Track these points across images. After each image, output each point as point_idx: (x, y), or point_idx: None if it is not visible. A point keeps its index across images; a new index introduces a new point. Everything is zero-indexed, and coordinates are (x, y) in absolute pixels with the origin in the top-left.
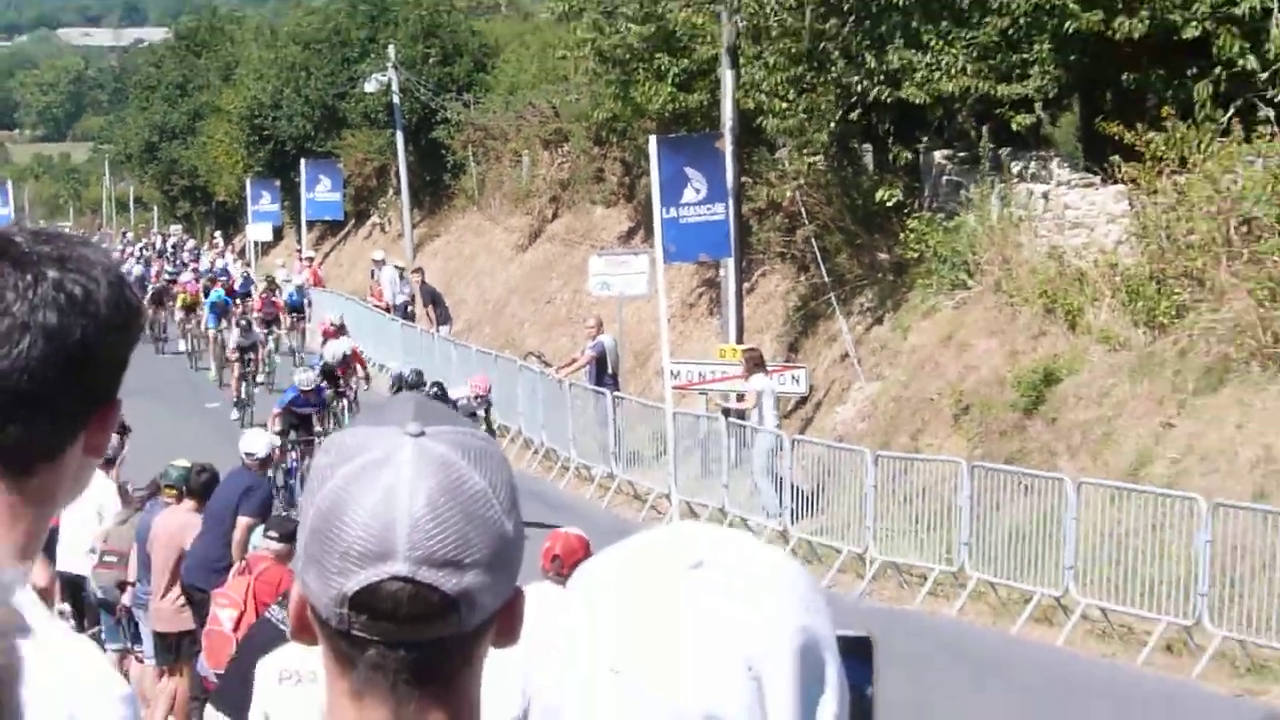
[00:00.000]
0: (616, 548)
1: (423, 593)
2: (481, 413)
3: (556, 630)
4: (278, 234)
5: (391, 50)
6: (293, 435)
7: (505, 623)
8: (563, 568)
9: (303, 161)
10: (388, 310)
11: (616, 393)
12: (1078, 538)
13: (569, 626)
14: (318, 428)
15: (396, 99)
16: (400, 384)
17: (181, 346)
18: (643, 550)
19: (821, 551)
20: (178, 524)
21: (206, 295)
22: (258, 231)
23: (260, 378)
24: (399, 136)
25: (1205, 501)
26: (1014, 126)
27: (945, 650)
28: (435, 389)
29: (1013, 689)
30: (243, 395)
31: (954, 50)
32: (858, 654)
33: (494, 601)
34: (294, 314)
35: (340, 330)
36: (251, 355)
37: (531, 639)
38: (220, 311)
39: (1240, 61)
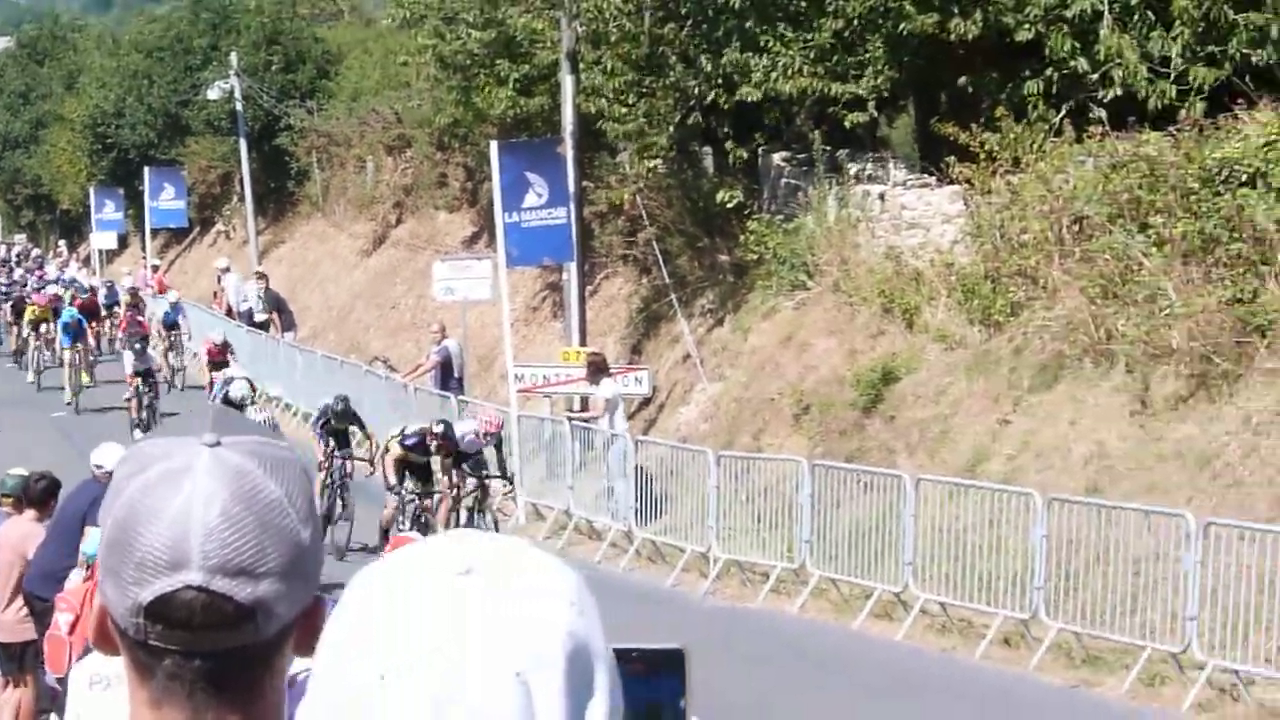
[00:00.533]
0: (390, 555)
1: (217, 602)
2: (491, 451)
3: (324, 638)
4: (122, 242)
5: (234, 57)
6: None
7: (305, 632)
8: None
9: (146, 169)
10: (231, 316)
11: (461, 396)
12: (916, 534)
13: (338, 634)
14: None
15: (239, 106)
16: (327, 416)
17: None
18: (413, 558)
19: (666, 551)
20: (19, 534)
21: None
22: (102, 240)
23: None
24: (242, 144)
25: (1040, 496)
26: (848, 124)
27: (787, 647)
28: (442, 426)
29: (854, 684)
30: (142, 418)
31: (790, 52)
32: (670, 667)
33: (290, 610)
34: (170, 331)
35: (225, 349)
36: (151, 380)
37: None
38: (75, 332)
39: (1072, 63)
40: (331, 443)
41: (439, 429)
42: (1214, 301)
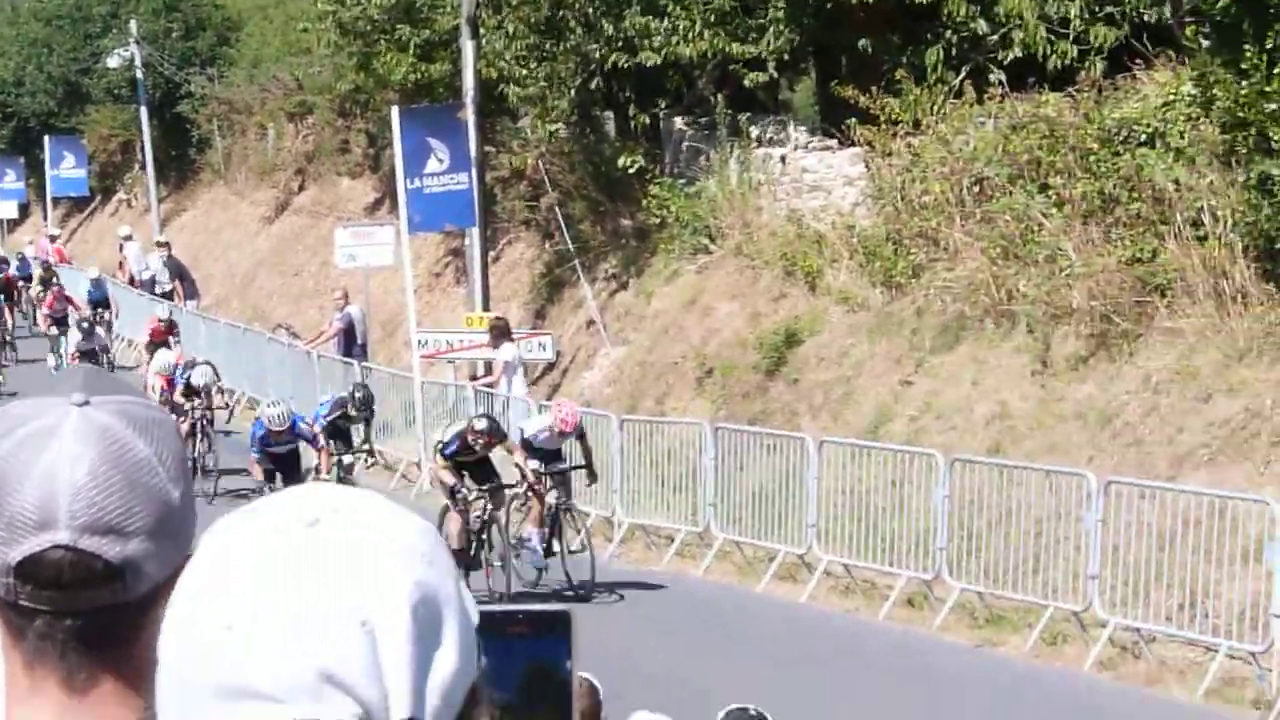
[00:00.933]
0: (243, 508)
1: (85, 560)
2: (567, 449)
3: (178, 588)
4: (23, 211)
5: (134, 25)
6: (279, 481)
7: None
8: None
9: (47, 138)
10: (133, 285)
11: (365, 363)
12: (820, 496)
13: (190, 584)
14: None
15: (140, 74)
16: (344, 406)
17: None
18: (263, 509)
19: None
20: None
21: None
22: (2, 209)
23: None
24: (143, 112)
25: (943, 457)
26: (748, 83)
27: (693, 610)
28: (484, 421)
29: (759, 646)
30: None
31: (690, 14)
32: (556, 630)
33: (161, 570)
34: (97, 309)
35: (171, 329)
36: (98, 362)
37: None
38: None
39: (971, 25)
40: (333, 444)
41: (480, 425)
42: (1113, 261)
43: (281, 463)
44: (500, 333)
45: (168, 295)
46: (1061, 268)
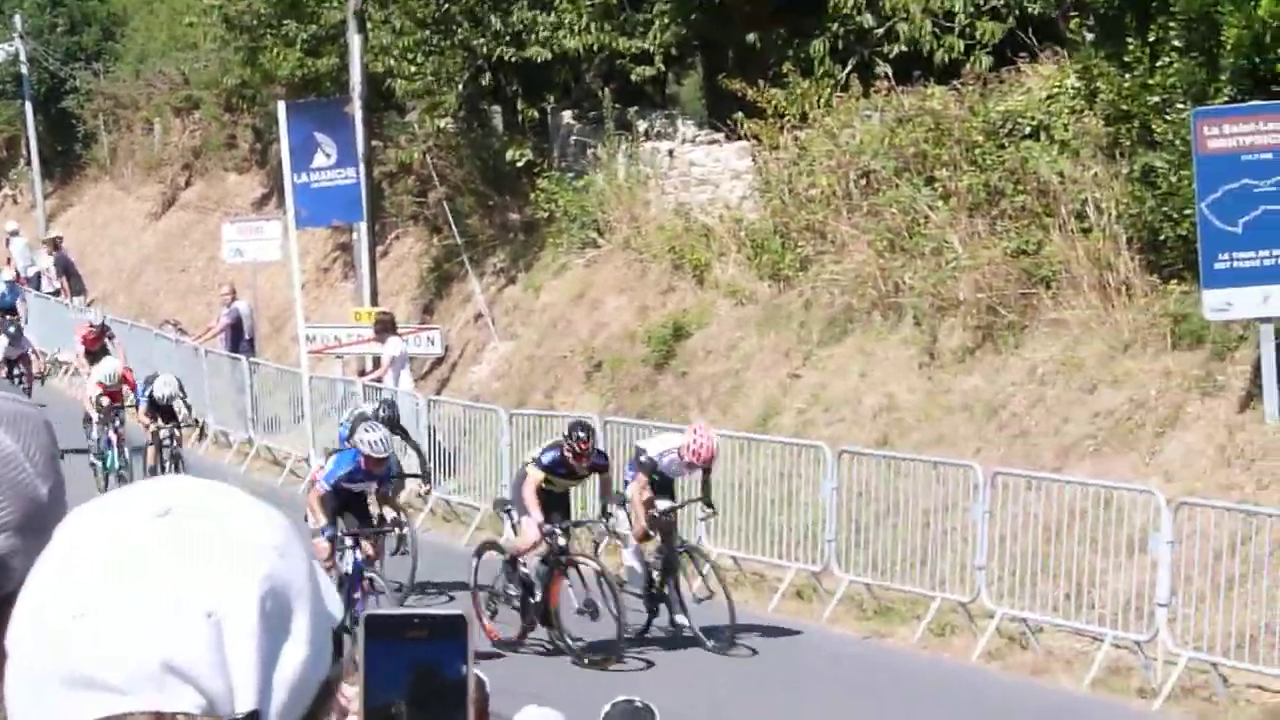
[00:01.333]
0: (95, 499)
1: None
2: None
3: (30, 576)
4: None
5: (18, 20)
6: (342, 525)
7: None
8: None
9: None
10: (19, 282)
11: (253, 358)
12: (709, 489)
13: (42, 573)
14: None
15: (24, 69)
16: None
17: None
18: (116, 499)
19: (460, 510)
20: None
21: None
22: None
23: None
24: (28, 107)
25: (831, 449)
26: (635, 78)
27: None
28: (585, 432)
29: (645, 641)
30: None
31: (577, 8)
32: (450, 634)
33: (28, 565)
34: (7, 315)
35: (103, 333)
36: (23, 368)
37: None
38: None
39: (857, 19)
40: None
41: (582, 434)
42: (999, 254)
43: (355, 503)
44: (385, 327)
45: (55, 293)
46: (947, 260)
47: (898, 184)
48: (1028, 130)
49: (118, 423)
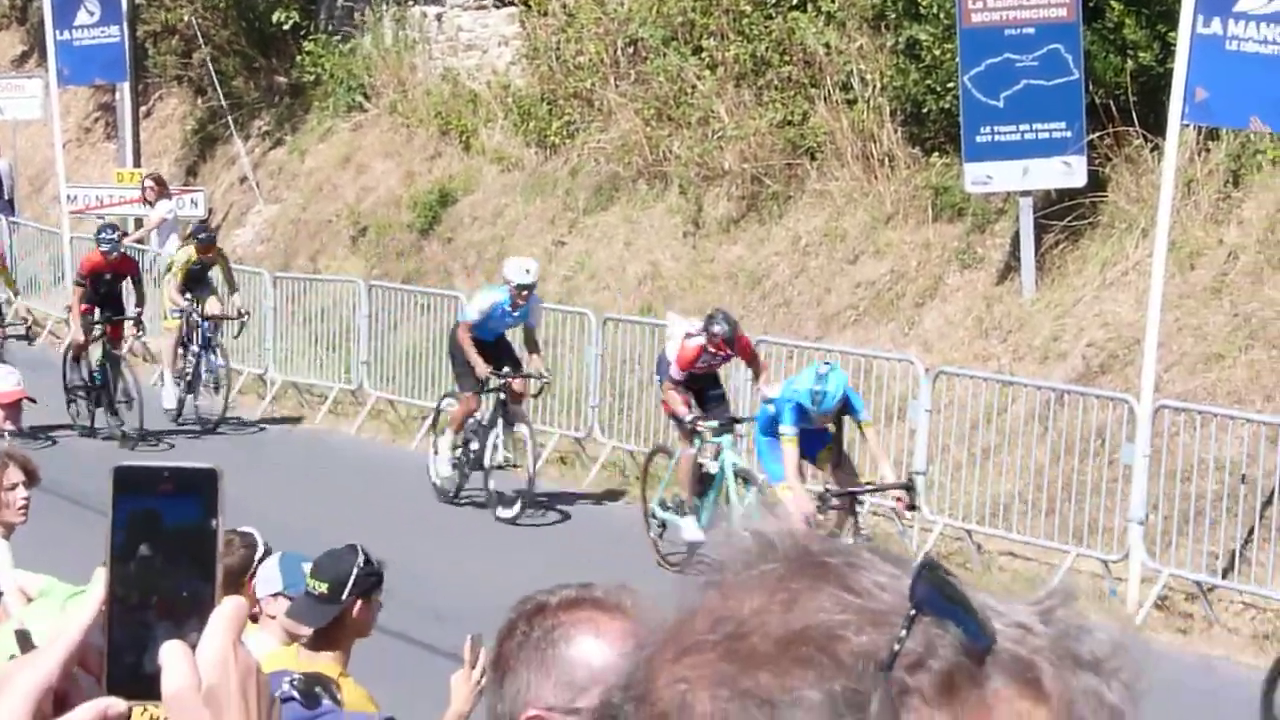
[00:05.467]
0: None
1: None
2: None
3: None
4: None
5: None
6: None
7: None
8: None
9: None
10: None
11: (12, 218)
12: None
13: None
14: None
15: None
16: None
17: None
18: None
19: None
20: None
21: None
22: None
23: None
24: None
25: (595, 316)
26: None
27: (345, 467)
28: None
29: (415, 502)
30: None
31: None
32: (201, 486)
33: None
34: None
35: None
36: None
37: None
38: None
39: None
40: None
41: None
42: (765, 124)
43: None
44: (157, 189)
45: None
46: (714, 130)
47: (665, 53)
48: (795, 1)
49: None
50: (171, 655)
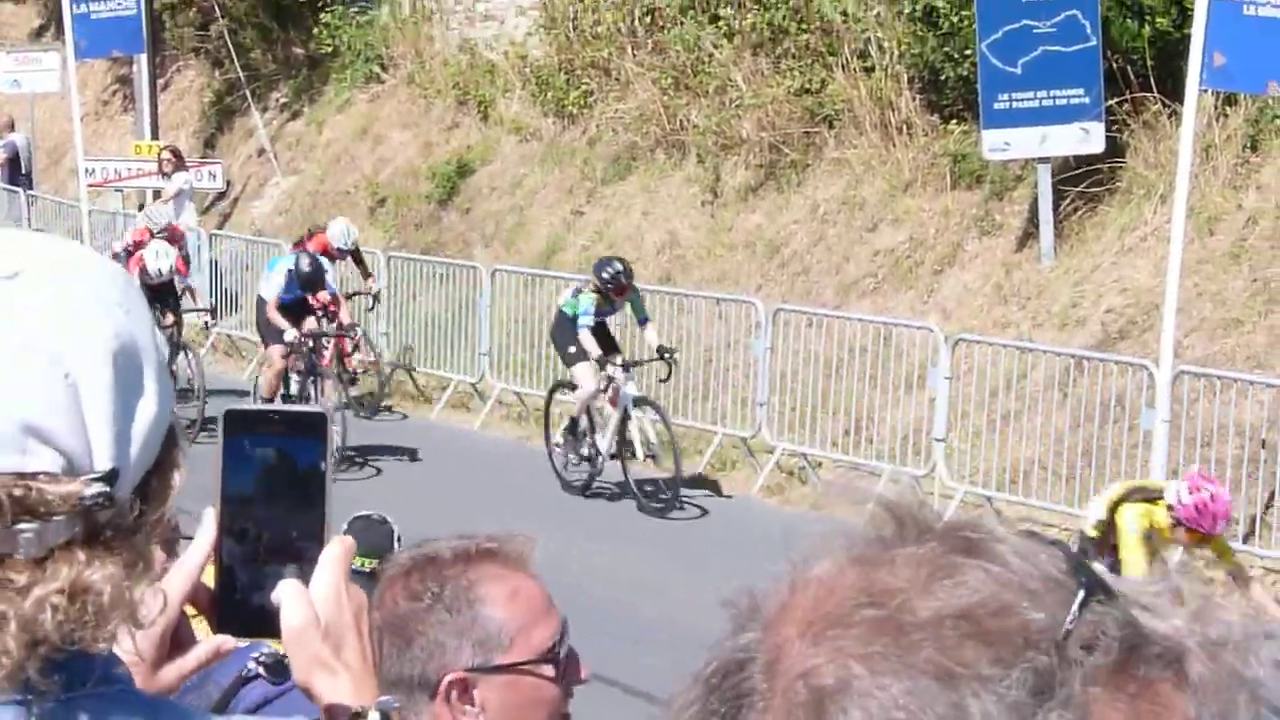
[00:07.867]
0: None
1: None
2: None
3: None
4: None
5: None
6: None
7: None
8: None
9: None
10: None
11: (30, 191)
12: (492, 325)
13: None
14: None
15: None
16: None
17: None
18: None
19: (242, 346)
20: None
21: None
22: None
23: None
24: None
25: None
26: None
27: (364, 435)
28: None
29: (434, 469)
30: None
31: None
32: (311, 430)
33: None
34: None
35: None
36: None
37: None
38: None
39: None
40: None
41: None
42: (782, 92)
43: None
44: (176, 161)
45: None
46: (731, 99)
47: (682, 21)
48: None
49: None
50: (290, 593)
